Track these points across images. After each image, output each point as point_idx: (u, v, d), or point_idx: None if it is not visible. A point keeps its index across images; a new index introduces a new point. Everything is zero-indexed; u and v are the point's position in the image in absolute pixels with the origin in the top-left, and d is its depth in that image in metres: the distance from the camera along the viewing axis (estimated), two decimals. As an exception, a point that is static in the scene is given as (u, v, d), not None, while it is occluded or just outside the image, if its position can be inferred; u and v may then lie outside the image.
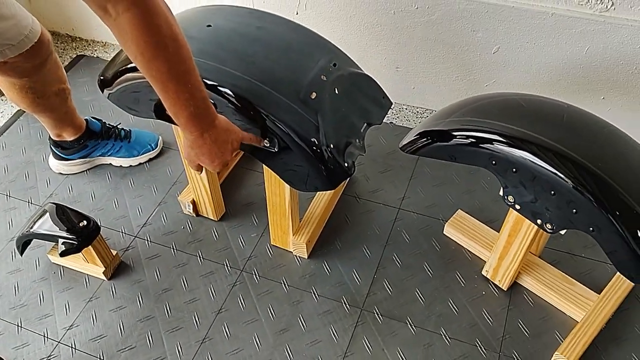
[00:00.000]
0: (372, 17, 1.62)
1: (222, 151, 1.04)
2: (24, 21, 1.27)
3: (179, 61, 0.90)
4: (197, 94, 0.95)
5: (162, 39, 0.87)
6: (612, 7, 1.37)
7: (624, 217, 0.98)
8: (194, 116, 0.96)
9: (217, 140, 1.02)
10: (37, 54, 1.31)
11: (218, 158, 1.05)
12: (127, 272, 1.43)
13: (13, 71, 1.32)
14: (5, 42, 1.23)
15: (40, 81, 1.40)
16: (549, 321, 1.29)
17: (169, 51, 0.88)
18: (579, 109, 1.14)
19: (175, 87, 0.92)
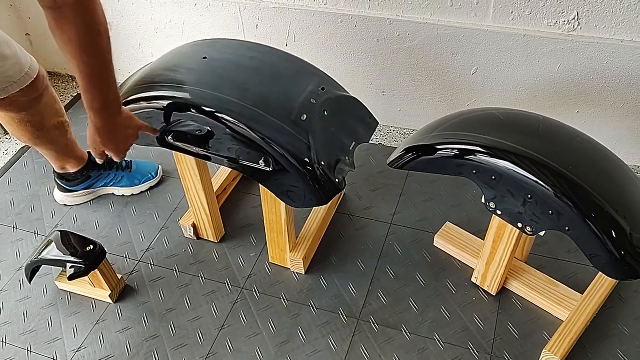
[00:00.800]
0: (357, 46, 1.73)
1: (126, 137, 1.17)
2: (23, 59, 1.36)
3: (108, 50, 1.03)
4: (114, 82, 1.08)
5: (99, 27, 0.99)
6: (578, 27, 1.48)
7: (598, 218, 1.05)
8: (109, 102, 1.09)
9: (123, 126, 1.15)
10: (35, 89, 1.40)
11: (122, 143, 1.17)
12: (133, 294, 1.49)
13: (12, 106, 1.40)
14: (8, 80, 1.31)
15: (39, 114, 1.47)
16: (537, 322, 1.35)
17: (103, 39, 1.01)
18: (553, 120, 1.23)
19: (100, 73, 1.04)
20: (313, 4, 1.69)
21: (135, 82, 1.32)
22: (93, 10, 0.97)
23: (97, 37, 0.99)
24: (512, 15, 1.51)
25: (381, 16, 1.64)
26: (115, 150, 1.18)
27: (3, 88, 1.30)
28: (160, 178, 1.79)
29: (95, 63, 1.02)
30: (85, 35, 0.97)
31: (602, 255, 1.07)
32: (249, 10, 1.77)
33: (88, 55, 0.99)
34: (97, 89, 1.05)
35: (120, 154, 1.20)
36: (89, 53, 0.99)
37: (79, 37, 0.97)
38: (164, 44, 1.99)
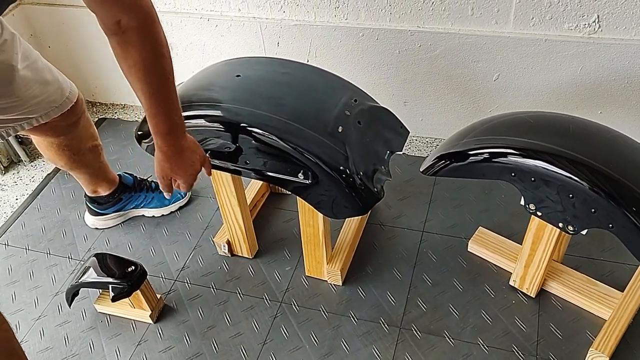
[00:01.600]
0: (379, 58, 1.76)
1: (194, 161, 1.16)
2: (64, 84, 1.38)
3: (171, 72, 1.03)
4: (178, 105, 1.08)
5: (162, 49, 1.00)
6: (599, 29, 1.51)
7: (639, 212, 1.07)
8: (175, 126, 1.08)
9: (189, 149, 1.14)
10: (74, 113, 1.42)
11: (191, 168, 1.16)
12: (172, 314, 1.49)
13: (52, 130, 1.43)
14: (51, 105, 1.34)
15: (76, 138, 1.50)
16: (579, 322, 1.36)
17: (167, 61, 1.02)
18: (582, 119, 1.25)
19: (164, 96, 1.04)
20: (334, 19, 1.72)
21: (168, 103, 1.35)
22: (156, 32, 0.99)
23: (161, 59, 1.01)
24: (533, 21, 1.54)
25: (402, 28, 1.66)
26: (184, 176, 1.16)
27: (46, 113, 1.33)
28: (189, 197, 1.81)
29: (159, 85, 1.02)
30: (149, 58, 0.98)
31: (646, 250, 1.09)
32: (269, 29, 1.81)
33: (153, 77, 1.01)
34: (162, 112, 1.05)
35: (189, 179, 1.18)
36: (154, 75, 1.01)
37: (144, 60, 0.98)
38: (184, 66, 2.02)
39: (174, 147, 1.11)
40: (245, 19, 1.82)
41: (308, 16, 1.75)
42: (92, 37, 2.02)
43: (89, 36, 2.02)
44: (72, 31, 2.04)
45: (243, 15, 1.82)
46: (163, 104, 1.05)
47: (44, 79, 1.29)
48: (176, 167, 1.14)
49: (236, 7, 1.81)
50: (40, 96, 1.29)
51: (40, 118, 1.33)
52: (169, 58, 1.02)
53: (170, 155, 1.12)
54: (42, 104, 1.30)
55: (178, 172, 1.16)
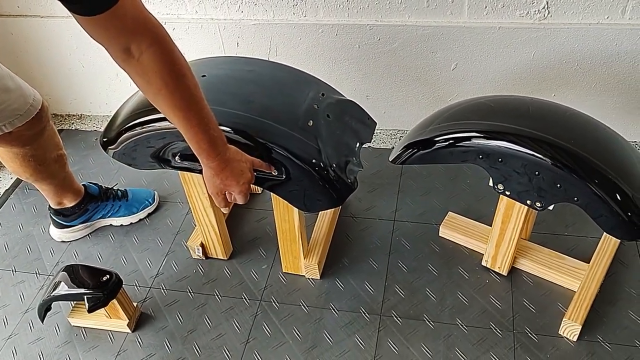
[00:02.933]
0: (339, 53, 1.78)
1: (242, 170, 1.11)
2: (27, 91, 1.35)
3: (197, 86, 0.99)
4: (212, 117, 1.04)
5: (182, 68, 0.96)
6: (548, 15, 1.57)
7: (601, 183, 1.13)
8: (214, 139, 1.04)
9: (235, 159, 1.10)
10: (39, 121, 1.39)
11: (243, 177, 1.11)
12: (150, 321, 1.47)
13: (17, 140, 1.38)
14: (14, 113, 1.30)
15: (42, 148, 1.46)
16: (550, 295, 1.41)
17: (189, 78, 0.97)
18: (540, 99, 1.30)
19: (197, 113, 1.00)
20: (292, 17, 1.74)
21: (132, 109, 1.33)
22: (171, 50, 0.94)
23: (184, 78, 0.96)
24: (486, 10, 1.60)
25: (361, 23, 1.69)
26: (237, 186, 1.11)
27: (9, 121, 1.29)
28: (157, 203, 1.78)
29: (190, 104, 0.98)
30: (171, 80, 0.94)
31: (610, 219, 1.14)
32: (228, 29, 1.80)
33: (181, 100, 0.96)
34: (200, 129, 1.01)
35: (243, 189, 1.12)
36: (182, 97, 0.96)
37: (167, 84, 0.93)
38: (142, 71, 1.99)
39: (220, 160, 1.07)
40: (203, 21, 1.81)
41: (266, 15, 1.75)
42: (43, 48, 1.96)
43: (40, 47, 1.96)
44: (21, 42, 1.98)
45: (200, 17, 1.81)
46: (198, 122, 1.00)
47: (5, 86, 1.26)
48: (227, 180, 1.10)
49: (193, 9, 1.80)
50: (2, 104, 1.25)
51: (4, 127, 1.29)
52: (191, 74, 0.98)
53: (219, 170, 1.09)
54: (4, 112, 1.26)
55: (230, 184, 1.11)
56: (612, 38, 1.57)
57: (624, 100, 1.70)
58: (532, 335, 1.34)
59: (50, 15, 1.90)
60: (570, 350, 1.30)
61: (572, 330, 1.30)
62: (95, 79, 2.06)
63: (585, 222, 1.54)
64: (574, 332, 1.30)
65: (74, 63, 2.00)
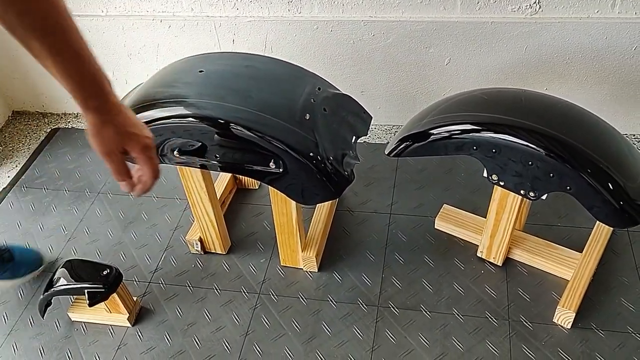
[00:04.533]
0: (334, 49, 1.80)
1: (141, 126, 0.90)
2: None
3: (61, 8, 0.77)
4: (91, 54, 0.81)
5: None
6: (540, 10, 1.60)
7: (593, 173, 1.15)
8: (99, 73, 0.82)
9: (129, 110, 0.89)
10: None
11: (145, 129, 0.90)
12: (150, 315, 1.48)
13: None
14: None
15: None
16: (544, 284, 1.44)
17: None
18: (533, 91, 1.33)
19: (67, 36, 0.78)
20: (287, 13, 1.75)
21: (132, 103, 1.34)
22: None
23: None
24: (479, 5, 1.62)
25: (355, 19, 1.71)
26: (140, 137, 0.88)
27: None
28: (43, 268, 1.62)
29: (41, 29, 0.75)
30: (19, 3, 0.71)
31: (602, 207, 1.17)
32: (224, 26, 1.82)
33: (38, 17, 0.73)
34: (72, 59, 0.79)
35: (148, 141, 0.89)
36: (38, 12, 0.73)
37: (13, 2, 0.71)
38: (138, 69, 2.01)
39: (114, 101, 0.84)
40: (199, 18, 1.82)
41: (262, 12, 1.77)
42: (40, 46, 1.97)
43: (37, 45, 1.97)
44: (17, 41, 1.99)
45: (196, 15, 1.82)
46: (68, 49, 0.78)
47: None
48: (126, 127, 0.86)
49: (189, 6, 1.81)
50: None
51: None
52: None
53: (115, 113, 0.84)
54: None
55: (131, 135, 0.86)
56: (602, 32, 1.59)
57: (615, 92, 1.72)
58: (527, 323, 1.36)
59: (46, 13, 1.91)
60: (564, 338, 1.32)
61: (566, 317, 1.33)
62: (91, 78, 2.07)
63: (578, 212, 1.57)
64: (567, 319, 1.33)
65: (70, 61, 2.01)
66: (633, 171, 1.20)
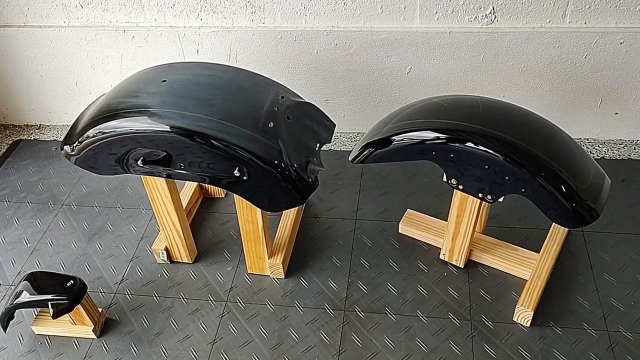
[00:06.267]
0: (298, 59, 1.83)
1: None
2: None
3: None
4: None
5: None
6: (495, 19, 1.66)
7: (547, 176, 1.20)
8: None
9: None
10: None
11: None
12: (115, 326, 1.47)
13: None
14: None
15: None
16: (504, 285, 1.48)
17: None
18: (490, 99, 1.37)
19: None
20: (251, 23, 1.78)
21: (94, 114, 1.34)
22: None
23: None
24: (437, 15, 1.67)
25: (318, 28, 1.75)
26: None
27: None
28: None
29: None
30: None
31: (556, 209, 1.22)
32: (188, 37, 1.83)
33: None
34: None
35: None
36: None
37: None
38: (101, 79, 2.00)
39: None
40: (163, 29, 1.83)
41: (225, 22, 1.79)
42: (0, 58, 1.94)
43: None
44: (-23, 51, 1.96)
45: (160, 25, 1.83)
46: None
47: None
48: None
49: (152, 17, 1.82)
50: None
51: None
52: None
53: None
54: None
55: None
56: (554, 41, 1.66)
57: (568, 99, 1.79)
58: (488, 322, 1.40)
59: (7, 24, 1.89)
60: (524, 335, 1.37)
61: (525, 316, 1.37)
62: (53, 88, 2.05)
63: (536, 214, 1.62)
64: (526, 317, 1.37)
65: (31, 73, 1.99)
66: (584, 173, 1.26)
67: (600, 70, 1.71)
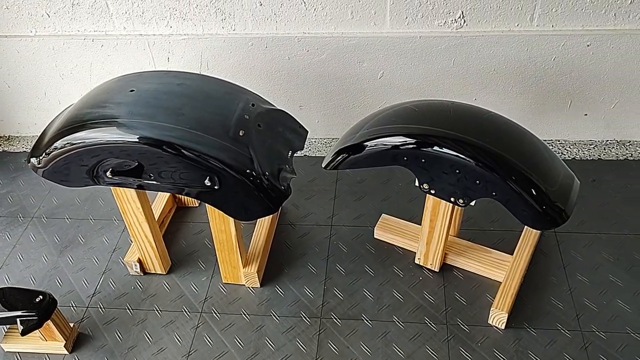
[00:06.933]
0: (270, 65, 1.82)
1: None
2: None
3: None
4: None
5: None
6: (464, 24, 1.67)
7: (518, 180, 1.21)
8: None
9: None
10: None
11: None
12: (88, 340, 1.45)
13: None
14: None
15: None
16: (479, 288, 1.49)
17: None
18: (461, 103, 1.38)
19: None
20: (222, 30, 1.76)
21: (62, 125, 1.32)
22: None
23: None
24: (407, 20, 1.68)
25: (289, 35, 1.74)
26: None
27: None
28: None
29: None
30: None
31: (526, 211, 1.23)
32: (158, 45, 1.81)
33: None
34: None
35: None
36: None
37: None
38: (71, 89, 1.96)
39: None
40: (132, 37, 1.81)
41: (196, 29, 1.77)
42: (-35, 67, 1.90)
43: (-38, 66, 1.91)
44: (-59, 63, 1.92)
45: (129, 33, 1.81)
46: None
47: None
48: None
49: (121, 25, 1.79)
50: None
51: None
52: None
53: None
54: None
55: None
56: (523, 44, 1.68)
57: (538, 101, 1.81)
58: (464, 326, 1.41)
59: (-29, 34, 1.85)
60: (499, 338, 1.37)
61: (499, 318, 1.38)
62: (22, 99, 2.01)
63: (509, 217, 1.60)
64: (501, 320, 1.38)
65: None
66: (553, 175, 1.27)
67: (568, 72, 1.73)
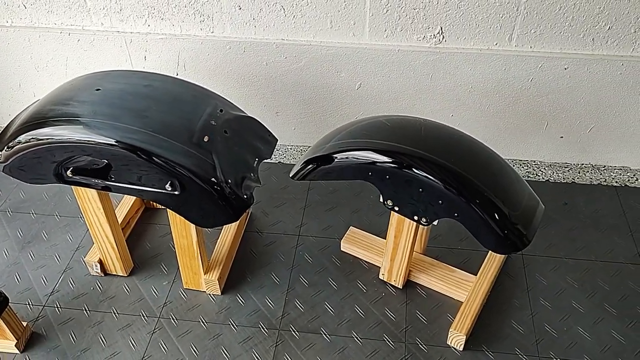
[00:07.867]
0: (247, 70, 1.80)
1: None
2: None
3: None
4: None
5: None
6: (443, 40, 1.66)
7: (481, 203, 1.20)
8: None
9: None
10: None
11: None
12: (41, 340, 1.42)
13: None
14: None
15: None
16: (441, 307, 1.48)
17: None
18: (433, 122, 1.37)
19: None
20: (200, 32, 1.74)
21: (24, 120, 1.29)
22: None
23: None
24: (386, 33, 1.67)
25: (267, 40, 1.72)
26: None
27: None
28: None
29: None
30: None
31: (488, 235, 1.22)
32: (135, 43, 1.78)
33: None
34: None
35: None
36: None
37: None
38: (46, 82, 1.93)
39: None
40: (109, 33, 1.78)
41: (174, 30, 1.75)
42: (-61, 54, 1.87)
43: None
44: None
45: (106, 30, 1.78)
46: None
47: None
48: None
49: (98, 21, 1.77)
50: None
51: None
52: None
53: None
54: None
55: None
56: (501, 63, 1.67)
57: (515, 121, 1.80)
58: (422, 345, 1.39)
59: (-54, 21, 1.82)
60: None
61: (457, 340, 1.37)
62: (-4, 89, 1.99)
63: (477, 236, 1.62)
64: (459, 341, 1.37)
65: (-28, 72, 1.92)
66: (518, 199, 1.26)
67: (545, 94, 1.73)
